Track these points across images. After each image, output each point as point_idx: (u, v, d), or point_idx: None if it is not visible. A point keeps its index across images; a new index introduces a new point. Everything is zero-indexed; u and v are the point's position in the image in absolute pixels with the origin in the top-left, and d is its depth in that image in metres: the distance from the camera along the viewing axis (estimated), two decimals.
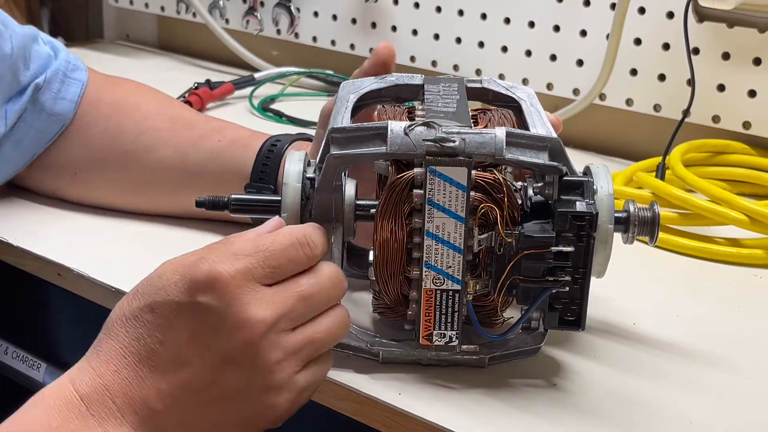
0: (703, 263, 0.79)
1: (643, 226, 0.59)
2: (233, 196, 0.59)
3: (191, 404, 0.51)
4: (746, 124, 0.96)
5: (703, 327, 0.68)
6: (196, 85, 1.16)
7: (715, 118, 0.97)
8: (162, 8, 1.37)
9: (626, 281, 0.71)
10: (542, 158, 0.56)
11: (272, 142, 0.76)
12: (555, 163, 0.56)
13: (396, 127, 0.56)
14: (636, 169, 0.92)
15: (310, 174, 0.57)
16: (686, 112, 0.93)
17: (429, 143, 0.55)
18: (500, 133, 0.55)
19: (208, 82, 1.17)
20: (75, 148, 0.81)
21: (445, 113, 0.60)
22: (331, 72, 1.24)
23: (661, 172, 0.89)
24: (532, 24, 1.06)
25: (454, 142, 0.55)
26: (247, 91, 1.19)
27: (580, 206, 0.55)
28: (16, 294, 0.87)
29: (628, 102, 1.02)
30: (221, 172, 0.77)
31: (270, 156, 0.75)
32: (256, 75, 1.24)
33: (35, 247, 0.76)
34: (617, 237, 0.59)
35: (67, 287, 0.75)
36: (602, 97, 1.03)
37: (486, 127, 0.62)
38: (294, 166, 0.57)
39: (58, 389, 0.50)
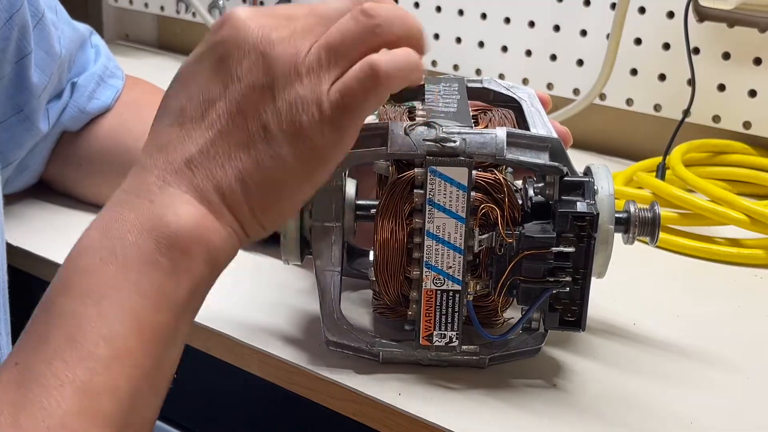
0: (703, 263, 0.79)
1: (643, 226, 0.59)
2: None
3: (229, 147, 0.47)
4: (746, 124, 0.96)
5: (703, 327, 0.68)
6: None
7: (716, 118, 0.97)
8: (162, 8, 1.37)
9: (626, 281, 0.71)
10: (543, 158, 0.56)
11: None
12: (556, 164, 0.56)
13: (396, 127, 0.56)
14: (636, 169, 0.92)
15: None
16: (686, 112, 0.93)
17: (430, 143, 0.55)
18: (501, 133, 0.55)
19: None
20: (86, 139, 0.83)
21: (445, 113, 0.59)
22: None
23: (661, 172, 0.89)
24: (532, 24, 1.06)
25: (454, 142, 0.55)
26: None
27: (581, 207, 0.55)
28: (16, 295, 0.87)
29: (628, 102, 1.02)
30: None
31: None
32: None
33: (35, 248, 0.76)
34: (617, 237, 0.59)
35: None
36: (602, 97, 1.03)
37: (486, 127, 0.61)
38: None
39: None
